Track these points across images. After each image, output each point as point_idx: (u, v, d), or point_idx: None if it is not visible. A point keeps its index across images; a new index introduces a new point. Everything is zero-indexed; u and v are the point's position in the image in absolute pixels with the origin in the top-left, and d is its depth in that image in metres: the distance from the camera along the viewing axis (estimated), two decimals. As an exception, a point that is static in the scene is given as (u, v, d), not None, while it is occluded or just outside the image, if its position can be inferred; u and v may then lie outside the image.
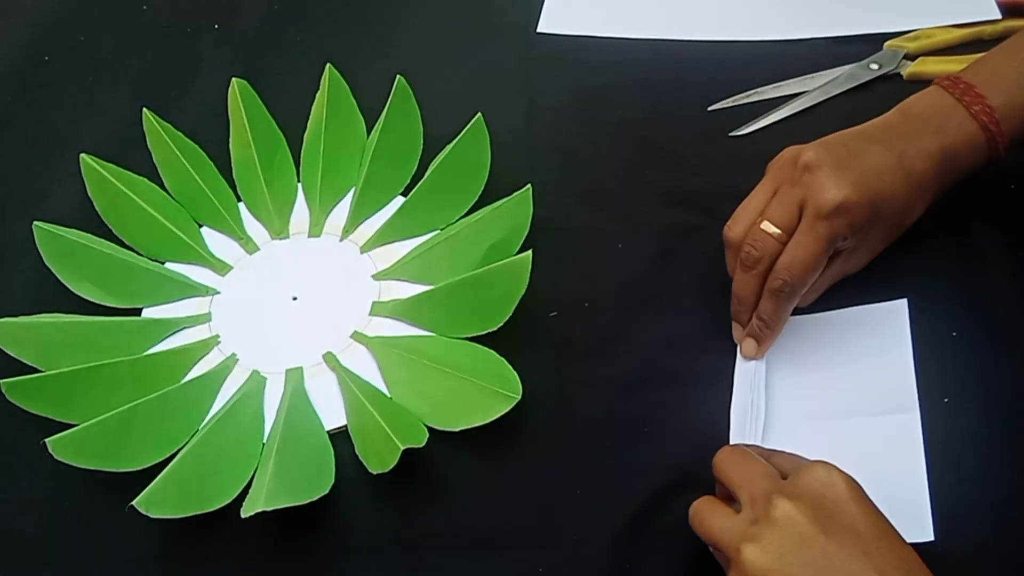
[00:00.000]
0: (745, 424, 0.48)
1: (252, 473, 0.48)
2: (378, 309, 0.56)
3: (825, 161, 0.47)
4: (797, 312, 0.50)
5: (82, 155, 0.62)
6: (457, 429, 0.48)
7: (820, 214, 0.47)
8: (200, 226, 0.61)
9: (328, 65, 0.65)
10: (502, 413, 0.47)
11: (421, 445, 0.47)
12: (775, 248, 0.48)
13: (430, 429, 0.48)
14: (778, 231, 0.48)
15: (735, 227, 0.50)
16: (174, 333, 0.56)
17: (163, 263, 0.59)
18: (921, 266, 0.52)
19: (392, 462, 0.46)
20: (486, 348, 0.51)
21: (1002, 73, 0.50)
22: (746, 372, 0.50)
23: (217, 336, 0.56)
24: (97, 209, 0.60)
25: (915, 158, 0.48)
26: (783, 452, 0.44)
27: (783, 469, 0.41)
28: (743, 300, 0.50)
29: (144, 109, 0.65)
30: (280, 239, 0.60)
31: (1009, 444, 0.46)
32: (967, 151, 0.49)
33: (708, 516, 0.41)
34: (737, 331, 0.51)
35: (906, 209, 0.49)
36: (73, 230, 0.59)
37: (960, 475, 0.46)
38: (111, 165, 0.62)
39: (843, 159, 0.48)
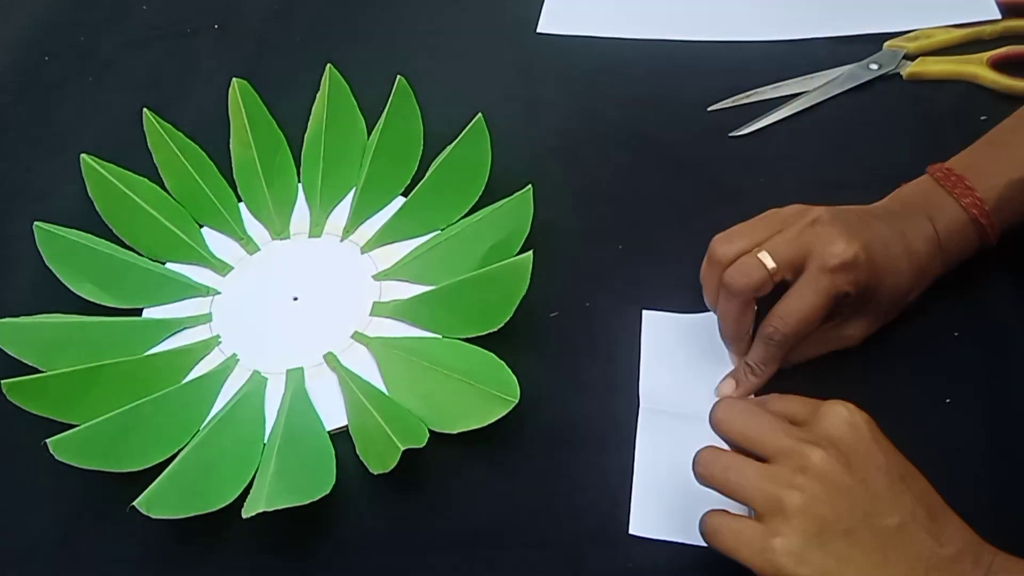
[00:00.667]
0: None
1: (253, 474, 0.48)
2: (379, 309, 0.56)
3: (836, 220, 0.47)
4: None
5: (82, 155, 0.62)
6: (455, 431, 0.48)
7: (826, 267, 0.46)
8: (201, 226, 0.61)
9: (328, 65, 0.65)
10: (499, 416, 0.47)
11: (422, 445, 0.47)
12: (763, 281, 0.47)
13: (430, 430, 0.48)
14: (773, 265, 0.46)
15: (728, 244, 0.48)
16: (175, 333, 0.56)
17: (164, 263, 0.59)
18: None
19: (393, 462, 0.46)
20: (485, 351, 0.51)
21: (992, 164, 0.50)
22: None
23: (218, 336, 0.56)
24: (97, 209, 0.60)
25: (914, 239, 0.48)
26: (780, 395, 0.43)
27: (792, 414, 0.41)
28: (727, 329, 0.49)
29: (144, 109, 0.65)
30: (281, 239, 0.60)
31: (1011, 445, 0.47)
32: (958, 239, 0.49)
33: (736, 468, 0.40)
34: (732, 358, 0.51)
35: (906, 286, 0.49)
36: (73, 230, 0.59)
37: (963, 476, 0.46)
38: (111, 165, 0.62)
39: (852, 223, 0.47)
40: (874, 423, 0.39)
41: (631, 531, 0.45)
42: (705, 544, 0.40)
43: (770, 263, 0.47)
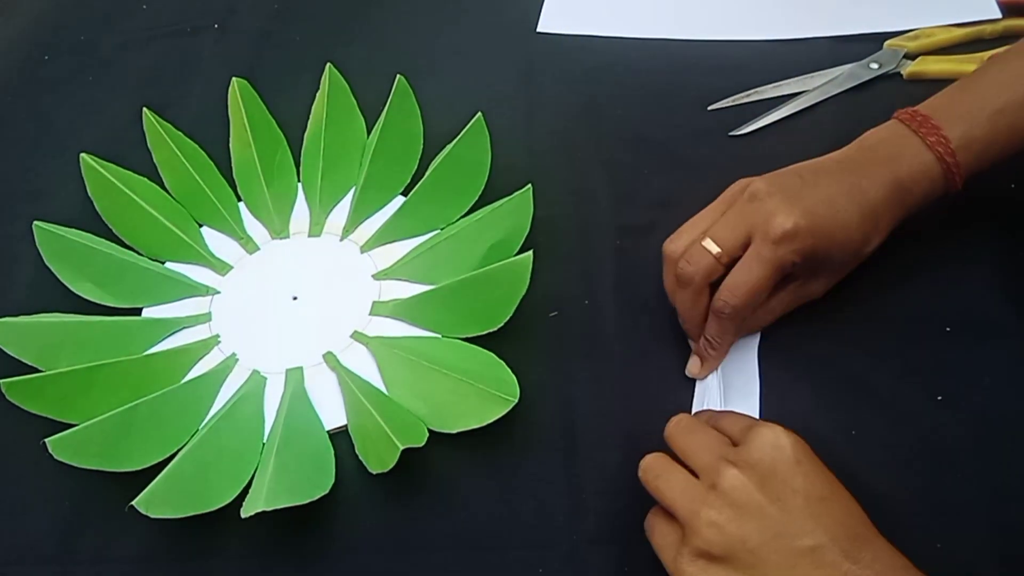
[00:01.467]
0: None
1: (252, 473, 0.48)
2: (378, 309, 0.56)
3: (775, 191, 0.48)
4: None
5: (82, 155, 0.62)
6: (454, 431, 0.48)
7: (767, 239, 0.47)
8: (200, 226, 0.61)
9: (328, 65, 0.65)
10: (499, 416, 0.47)
11: (421, 445, 0.47)
12: (711, 266, 0.48)
13: (429, 429, 0.48)
14: (718, 250, 0.48)
15: (676, 241, 0.50)
16: (174, 333, 0.56)
17: (163, 263, 0.59)
18: (917, 263, 0.53)
19: (392, 462, 0.46)
20: (485, 350, 0.51)
21: (960, 105, 0.50)
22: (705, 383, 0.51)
23: (217, 336, 0.56)
24: (97, 209, 0.60)
25: (867, 188, 0.48)
26: (731, 413, 0.45)
27: (731, 433, 0.42)
28: (685, 316, 0.50)
29: (144, 109, 0.65)
30: (280, 239, 0.60)
31: (1001, 442, 0.47)
32: (922, 181, 0.49)
33: (667, 475, 0.42)
34: (692, 344, 0.52)
35: (860, 238, 0.48)
36: (73, 230, 0.59)
37: (954, 473, 0.46)
38: (111, 165, 0.62)
39: (793, 189, 0.48)
40: (804, 446, 0.40)
41: None
42: None
43: (714, 248, 0.48)
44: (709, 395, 0.50)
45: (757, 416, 0.49)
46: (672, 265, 0.50)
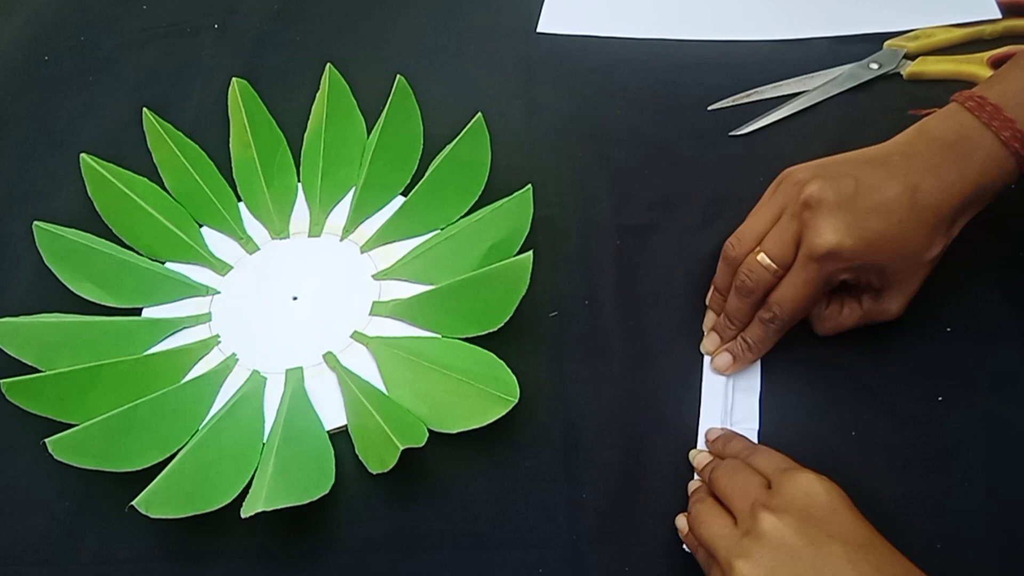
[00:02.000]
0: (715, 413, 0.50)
1: (252, 473, 0.48)
2: (378, 309, 0.56)
3: (827, 199, 0.46)
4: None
5: (82, 155, 0.62)
6: (454, 431, 0.48)
7: (812, 256, 0.46)
8: (200, 226, 0.61)
9: (328, 65, 0.65)
10: (499, 416, 0.47)
11: (421, 445, 0.47)
12: (769, 281, 0.48)
13: (429, 430, 0.48)
14: (773, 266, 0.48)
15: (738, 248, 0.49)
16: (174, 333, 0.56)
17: (163, 263, 0.59)
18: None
19: (392, 462, 0.46)
20: (485, 350, 0.51)
21: None
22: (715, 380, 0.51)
23: (217, 336, 0.56)
24: (97, 209, 0.60)
25: (930, 191, 0.46)
26: (766, 450, 0.44)
27: (765, 472, 0.42)
28: (735, 321, 0.50)
29: (144, 109, 0.65)
30: (280, 239, 0.60)
31: (1003, 442, 0.47)
32: (997, 178, 0.46)
33: (708, 521, 0.42)
34: (711, 341, 0.51)
35: (919, 246, 0.46)
36: (73, 230, 0.59)
37: (954, 473, 0.46)
38: (111, 165, 0.62)
39: (848, 195, 0.46)
40: (840, 493, 0.39)
41: None
42: None
43: (768, 263, 0.48)
44: (716, 389, 0.50)
45: (757, 416, 0.49)
46: (731, 268, 0.50)
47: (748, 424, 0.48)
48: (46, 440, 0.47)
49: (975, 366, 0.49)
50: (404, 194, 0.60)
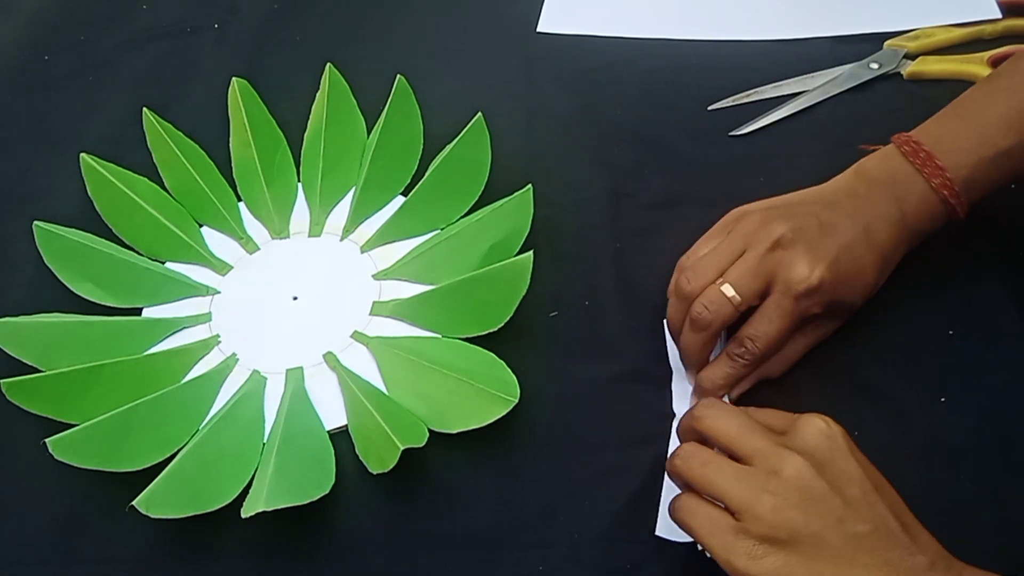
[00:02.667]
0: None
1: (252, 473, 0.48)
2: (378, 309, 0.56)
3: (799, 240, 0.47)
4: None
5: (82, 155, 0.62)
6: (454, 431, 0.48)
7: (790, 293, 0.46)
8: (200, 226, 0.61)
9: (328, 65, 0.65)
10: (499, 416, 0.47)
11: (421, 445, 0.47)
12: (730, 315, 0.47)
13: (430, 430, 0.48)
14: (738, 298, 0.47)
15: (694, 282, 0.48)
16: (174, 333, 0.56)
17: (163, 263, 0.59)
18: (918, 265, 0.52)
19: (392, 462, 0.46)
20: (485, 350, 0.51)
21: (964, 140, 0.49)
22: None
23: (217, 336, 0.56)
24: (97, 209, 0.60)
25: (880, 229, 0.48)
26: (765, 408, 0.44)
27: (772, 425, 0.42)
28: (691, 357, 0.49)
29: (144, 109, 0.65)
30: (280, 239, 0.60)
31: (1005, 443, 0.47)
32: (926, 219, 0.49)
33: (715, 464, 0.40)
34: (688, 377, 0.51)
35: (873, 282, 0.49)
36: (73, 230, 0.59)
37: (957, 474, 0.46)
38: (111, 165, 0.62)
39: (815, 237, 0.47)
40: (849, 437, 0.40)
41: (657, 532, 0.45)
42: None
43: (734, 295, 0.47)
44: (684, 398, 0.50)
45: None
46: (684, 303, 0.48)
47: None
48: (46, 440, 0.47)
49: (978, 366, 0.49)
50: (404, 194, 0.60)
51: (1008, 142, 0.48)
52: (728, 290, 0.47)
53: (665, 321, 0.51)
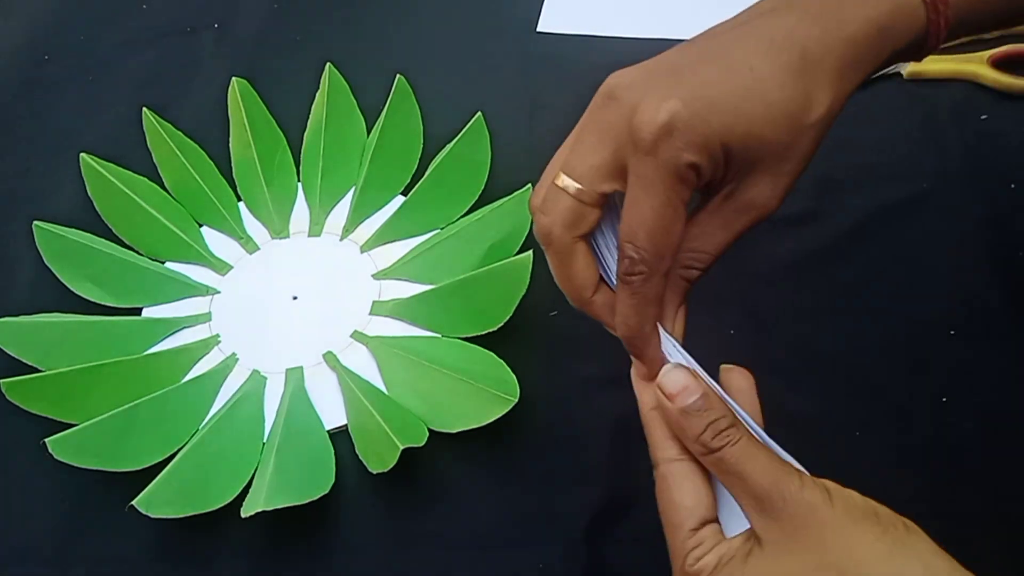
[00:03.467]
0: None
1: (252, 473, 0.48)
2: (378, 309, 0.56)
3: (639, 79, 0.34)
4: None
5: (82, 155, 0.62)
6: (454, 431, 0.48)
7: (640, 147, 0.33)
8: (200, 225, 0.61)
9: (328, 65, 0.65)
10: (499, 415, 0.47)
11: (421, 444, 0.47)
12: (572, 211, 0.35)
13: (429, 429, 0.48)
14: (576, 186, 0.34)
15: (536, 192, 0.36)
16: (174, 333, 0.56)
17: (163, 263, 0.59)
18: (917, 266, 0.53)
19: (392, 461, 0.46)
20: (485, 350, 0.51)
21: None
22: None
23: (217, 336, 0.56)
24: (97, 209, 0.60)
25: (799, 34, 0.34)
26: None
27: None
28: (570, 295, 0.37)
29: (144, 109, 0.65)
30: (280, 239, 0.60)
31: (1007, 444, 0.47)
32: (902, 27, 0.35)
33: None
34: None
35: (795, 102, 0.34)
36: (73, 230, 0.59)
37: (959, 474, 0.46)
38: (111, 165, 0.62)
39: (668, 67, 0.35)
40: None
41: None
42: None
43: (571, 184, 0.35)
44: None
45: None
46: (542, 237, 0.36)
47: None
48: (46, 440, 0.47)
49: (978, 366, 0.49)
50: (404, 194, 0.60)
51: None
52: (563, 180, 0.35)
53: None
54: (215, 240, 0.60)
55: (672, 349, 0.37)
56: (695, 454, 0.34)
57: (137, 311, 0.57)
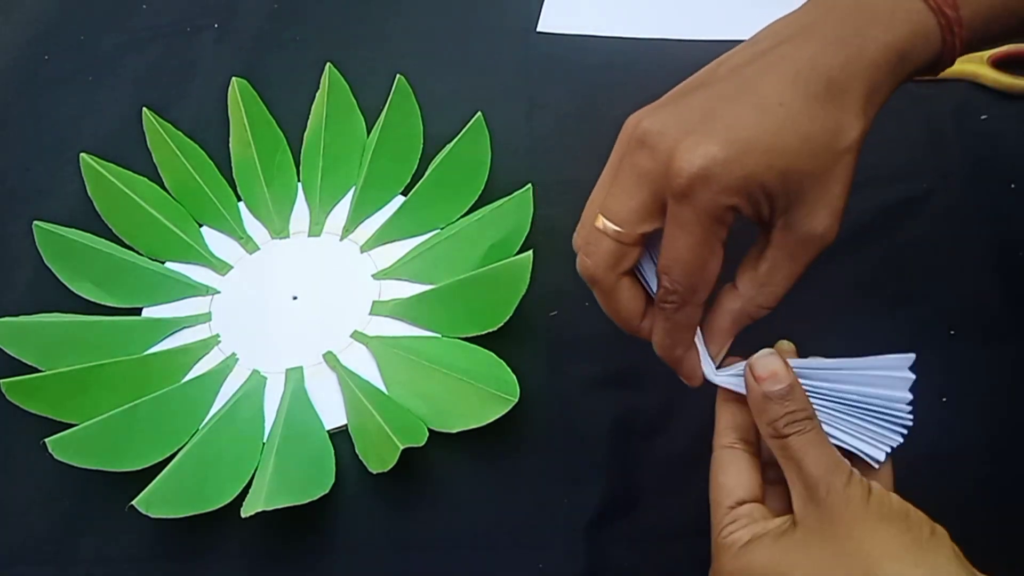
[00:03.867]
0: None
1: (252, 473, 0.48)
2: (378, 308, 0.56)
3: (669, 120, 0.35)
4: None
5: (82, 155, 0.62)
6: (454, 431, 0.48)
7: (677, 193, 0.34)
8: (200, 225, 0.61)
9: (328, 65, 0.65)
10: (499, 415, 0.47)
11: (421, 445, 0.47)
12: (613, 253, 0.36)
13: (430, 429, 0.48)
14: (615, 228, 0.36)
15: (578, 233, 0.38)
16: (174, 333, 0.56)
17: (163, 263, 0.59)
18: (917, 266, 0.53)
19: (392, 461, 0.46)
20: (485, 350, 0.51)
21: None
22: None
23: (217, 336, 0.56)
24: (97, 209, 0.60)
25: (822, 64, 0.35)
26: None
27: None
28: (623, 326, 0.39)
29: (144, 109, 0.65)
30: (280, 238, 0.60)
31: (1007, 444, 0.47)
32: (916, 45, 0.36)
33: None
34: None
35: (826, 130, 0.34)
36: (73, 230, 0.59)
37: (959, 475, 0.46)
38: (111, 165, 0.62)
39: (697, 108, 0.35)
40: None
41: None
42: None
43: (610, 227, 0.36)
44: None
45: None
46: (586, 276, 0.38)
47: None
48: (46, 440, 0.47)
49: (978, 366, 0.49)
50: (404, 194, 0.60)
51: None
52: (602, 223, 0.36)
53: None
54: (215, 240, 0.60)
55: (708, 366, 0.39)
56: (764, 435, 0.37)
57: (137, 311, 0.57)
